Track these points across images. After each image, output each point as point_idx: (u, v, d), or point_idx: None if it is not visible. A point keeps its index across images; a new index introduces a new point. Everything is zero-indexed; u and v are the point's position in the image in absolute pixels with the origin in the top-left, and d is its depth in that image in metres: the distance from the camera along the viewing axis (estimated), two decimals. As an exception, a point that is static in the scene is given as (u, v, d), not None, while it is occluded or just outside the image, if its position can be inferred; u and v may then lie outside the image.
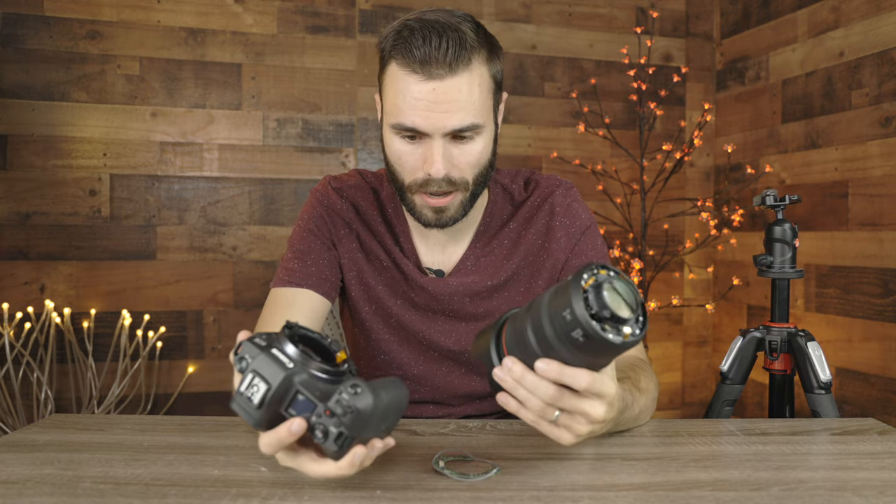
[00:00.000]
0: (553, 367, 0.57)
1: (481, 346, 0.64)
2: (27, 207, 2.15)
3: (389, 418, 0.57)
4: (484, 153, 0.89)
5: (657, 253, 2.61)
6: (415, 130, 0.84)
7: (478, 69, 0.84)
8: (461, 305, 1.00)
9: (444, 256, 1.01)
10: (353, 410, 0.52)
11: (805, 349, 1.21)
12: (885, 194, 1.97)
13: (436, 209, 0.89)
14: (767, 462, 0.71)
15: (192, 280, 2.27)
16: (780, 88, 2.37)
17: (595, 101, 2.56)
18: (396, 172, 0.90)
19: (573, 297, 0.53)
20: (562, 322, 0.54)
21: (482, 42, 0.86)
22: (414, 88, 0.82)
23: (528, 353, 0.58)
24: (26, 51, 2.14)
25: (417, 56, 0.81)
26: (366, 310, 1.01)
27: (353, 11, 2.39)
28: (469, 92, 0.83)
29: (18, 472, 0.65)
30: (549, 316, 0.55)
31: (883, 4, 1.97)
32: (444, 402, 1.04)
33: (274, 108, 2.34)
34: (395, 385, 0.57)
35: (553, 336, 0.55)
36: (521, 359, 0.59)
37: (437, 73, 0.82)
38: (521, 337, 0.58)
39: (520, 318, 0.59)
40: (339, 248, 1.00)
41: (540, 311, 0.56)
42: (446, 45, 0.81)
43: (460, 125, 0.84)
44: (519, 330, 0.59)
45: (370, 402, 0.52)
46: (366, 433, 0.54)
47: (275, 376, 0.54)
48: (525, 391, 0.59)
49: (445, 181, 0.86)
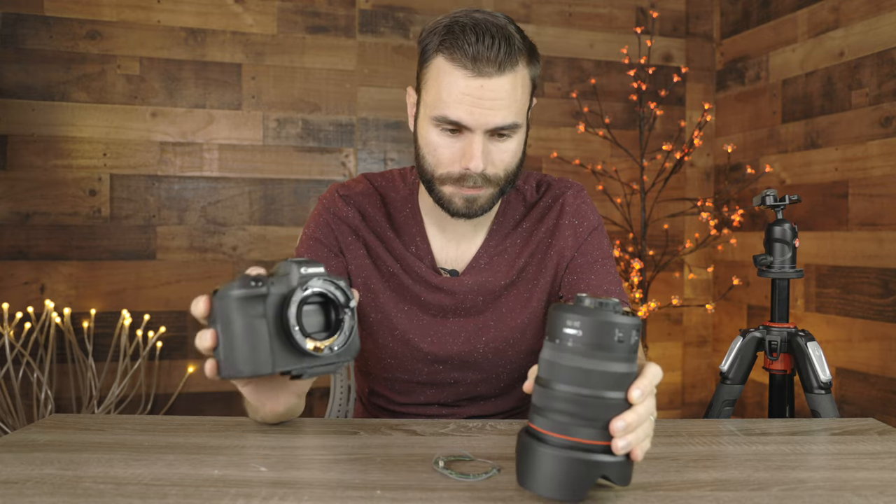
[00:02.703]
0: (642, 384, 0.56)
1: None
2: (27, 207, 2.15)
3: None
4: (517, 152, 0.92)
5: (657, 253, 2.61)
6: (458, 124, 0.86)
7: (521, 71, 0.88)
8: (474, 304, 1.00)
9: (458, 253, 1.02)
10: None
11: (805, 349, 1.21)
12: (885, 194, 1.97)
13: (468, 198, 0.91)
14: (767, 462, 0.71)
15: (192, 280, 2.27)
16: (780, 88, 2.37)
17: (595, 101, 2.56)
18: (429, 164, 0.91)
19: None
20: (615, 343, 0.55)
21: (526, 46, 0.89)
22: (462, 83, 0.85)
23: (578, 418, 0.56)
24: (26, 51, 2.14)
25: (470, 52, 0.84)
26: (372, 317, 1.02)
27: (353, 11, 2.39)
28: (513, 92, 0.86)
29: (18, 472, 0.65)
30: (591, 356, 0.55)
31: (883, 4, 1.97)
32: (449, 404, 1.04)
33: (274, 108, 2.34)
34: None
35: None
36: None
37: (486, 70, 0.84)
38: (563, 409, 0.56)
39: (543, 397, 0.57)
40: (346, 255, 1.01)
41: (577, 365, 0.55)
42: (498, 45, 0.84)
43: (503, 123, 0.86)
44: (554, 402, 0.56)
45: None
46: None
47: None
48: (639, 425, 0.57)
49: (481, 177, 0.89)
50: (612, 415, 0.55)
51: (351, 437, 0.77)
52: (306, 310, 0.65)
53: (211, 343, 0.62)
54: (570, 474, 0.55)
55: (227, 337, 0.62)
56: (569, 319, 0.55)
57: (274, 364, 0.63)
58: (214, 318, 0.62)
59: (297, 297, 0.63)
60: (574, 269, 1.00)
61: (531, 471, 0.56)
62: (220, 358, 0.62)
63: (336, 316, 0.66)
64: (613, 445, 0.55)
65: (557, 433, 0.56)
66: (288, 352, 0.64)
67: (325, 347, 0.65)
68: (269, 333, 0.62)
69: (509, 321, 1.01)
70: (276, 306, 0.63)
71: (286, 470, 0.66)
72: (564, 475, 0.55)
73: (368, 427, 0.82)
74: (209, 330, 0.62)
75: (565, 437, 0.55)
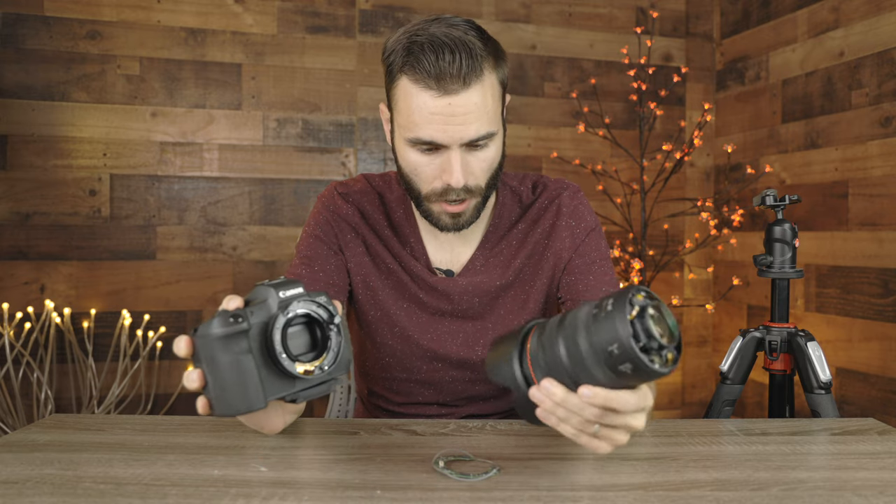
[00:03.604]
0: (599, 393, 0.55)
1: (500, 360, 0.61)
2: (27, 207, 2.15)
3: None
4: (496, 157, 0.91)
5: (657, 253, 2.61)
6: (433, 143, 0.86)
7: (488, 78, 0.86)
8: (470, 305, 1.00)
9: (452, 256, 1.02)
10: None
11: (805, 349, 1.21)
12: (885, 194, 1.97)
13: (453, 215, 0.91)
14: (767, 462, 0.71)
15: (192, 280, 2.27)
16: (780, 88, 2.37)
17: (595, 101, 2.56)
18: (413, 183, 0.91)
19: (620, 331, 0.52)
20: (607, 355, 0.53)
21: (489, 50, 0.87)
22: (430, 104, 0.84)
23: (559, 371, 0.57)
24: (26, 51, 2.14)
25: (432, 72, 0.83)
26: (371, 314, 1.02)
27: (353, 11, 2.39)
28: (483, 102, 0.85)
29: (18, 472, 0.65)
30: (590, 344, 0.54)
31: (883, 4, 1.97)
32: (447, 403, 1.04)
33: (274, 108, 2.34)
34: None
35: (595, 364, 0.54)
36: (552, 376, 0.57)
37: (451, 87, 0.83)
38: (553, 356, 0.57)
39: (548, 335, 0.58)
40: (345, 253, 1.01)
41: (577, 337, 0.55)
42: (459, 59, 0.82)
43: (476, 135, 0.85)
44: (549, 349, 0.57)
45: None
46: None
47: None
48: (565, 411, 0.58)
49: (463, 189, 0.88)
50: (559, 378, 0.57)
51: (351, 437, 0.77)
52: (290, 332, 0.63)
53: (199, 384, 0.61)
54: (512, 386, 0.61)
55: (214, 377, 0.60)
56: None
57: (266, 396, 0.61)
58: (199, 358, 0.61)
59: (279, 323, 0.61)
60: (572, 270, 1.00)
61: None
62: (210, 396, 0.61)
63: (322, 334, 0.65)
64: (535, 395, 0.58)
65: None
66: (278, 378, 0.63)
67: (315, 368, 0.63)
68: (257, 366, 0.61)
69: (507, 324, 1.01)
70: (260, 337, 0.62)
71: (286, 470, 0.66)
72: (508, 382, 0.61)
73: (368, 427, 0.82)
74: (196, 370, 0.61)
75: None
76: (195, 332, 0.60)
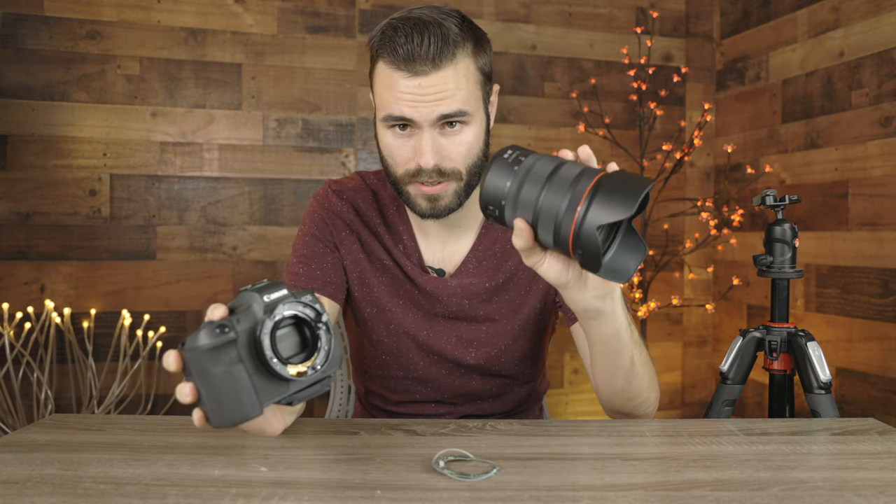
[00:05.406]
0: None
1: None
2: (27, 207, 2.15)
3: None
4: (475, 144, 0.91)
5: (657, 253, 2.61)
6: (403, 119, 0.87)
7: (463, 62, 0.87)
8: (460, 307, 1.00)
9: (444, 255, 1.01)
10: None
11: (805, 349, 1.21)
12: (885, 194, 1.97)
13: (429, 197, 0.91)
14: (767, 462, 0.71)
15: (192, 280, 2.27)
16: (780, 88, 2.37)
17: (595, 101, 2.56)
18: (390, 166, 0.92)
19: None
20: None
21: (467, 36, 0.88)
22: (401, 84, 0.85)
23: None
24: (26, 51, 2.14)
25: (401, 54, 0.84)
26: (367, 311, 1.01)
27: (353, 11, 2.39)
28: (455, 84, 0.86)
29: (18, 472, 0.65)
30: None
31: (883, 4, 1.97)
32: (445, 402, 1.04)
33: (274, 108, 2.34)
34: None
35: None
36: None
37: (421, 69, 0.84)
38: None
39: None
40: (341, 250, 1.01)
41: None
42: (429, 41, 0.84)
43: (447, 111, 0.86)
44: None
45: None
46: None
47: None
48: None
49: (436, 171, 0.88)
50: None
51: (351, 437, 0.77)
52: (279, 335, 0.63)
53: (192, 398, 0.60)
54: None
55: (207, 390, 0.60)
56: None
57: (261, 402, 0.61)
58: (189, 372, 0.60)
59: (266, 328, 0.61)
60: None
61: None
62: (205, 409, 0.61)
63: (311, 333, 0.65)
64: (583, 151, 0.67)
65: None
66: (272, 383, 0.62)
67: (308, 368, 0.63)
68: (249, 373, 0.61)
69: (500, 328, 1.00)
70: (249, 344, 0.61)
71: (286, 470, 0.66)
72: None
73: (368, 427, 0.82)
74: (187, 384, 0.60)
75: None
76: (183, 346, 0.60)
